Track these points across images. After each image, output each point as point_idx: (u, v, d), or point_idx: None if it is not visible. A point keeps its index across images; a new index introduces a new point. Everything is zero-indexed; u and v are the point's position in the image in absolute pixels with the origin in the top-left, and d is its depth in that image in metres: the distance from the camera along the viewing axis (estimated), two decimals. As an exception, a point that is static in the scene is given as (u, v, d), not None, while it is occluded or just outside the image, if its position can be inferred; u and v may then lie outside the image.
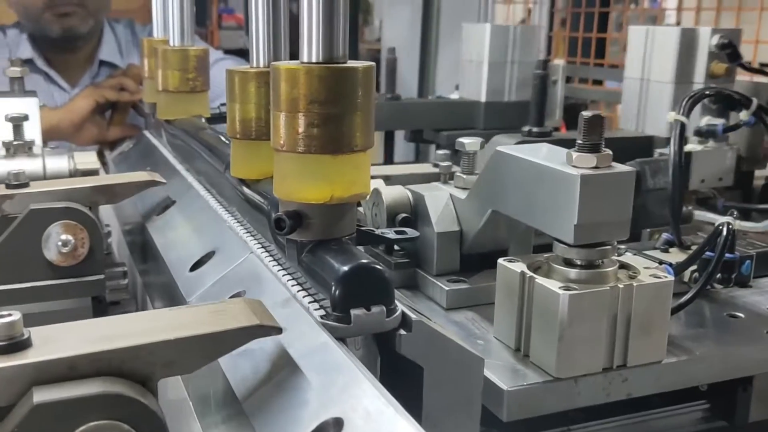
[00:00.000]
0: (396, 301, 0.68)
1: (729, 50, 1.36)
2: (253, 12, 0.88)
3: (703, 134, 1.26)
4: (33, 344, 0.53)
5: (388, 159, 1.81)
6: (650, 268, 0.84)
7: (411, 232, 0.85)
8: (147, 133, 1.64)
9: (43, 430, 0.49)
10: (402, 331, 0.67)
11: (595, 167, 0.77)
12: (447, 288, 0.99)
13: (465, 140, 1.07)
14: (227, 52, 2.90)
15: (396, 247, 1.08)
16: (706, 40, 1.37)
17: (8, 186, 0.96)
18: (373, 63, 0.72)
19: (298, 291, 0.72)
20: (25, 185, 0.97)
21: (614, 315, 0.80)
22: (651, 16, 2.98)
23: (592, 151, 0.78)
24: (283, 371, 0.64)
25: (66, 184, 1.00)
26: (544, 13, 2.79)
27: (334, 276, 0.66)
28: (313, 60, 0.69)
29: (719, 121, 1.25)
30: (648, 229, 1.20)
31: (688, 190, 1.25)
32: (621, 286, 0.80)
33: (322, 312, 0.67)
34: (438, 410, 0.69)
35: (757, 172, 1.46)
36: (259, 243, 0.87)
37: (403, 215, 1.04)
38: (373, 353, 0.69)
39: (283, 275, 0.77)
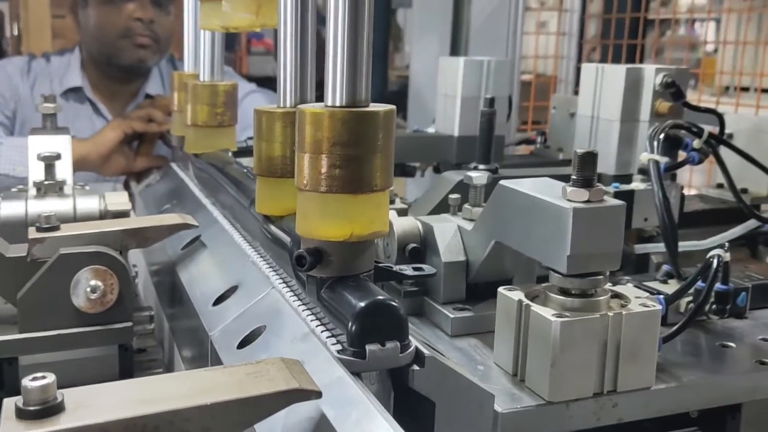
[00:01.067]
0: (410, 337, 0.72)
1: (673, 89, 1.38)
2: (282, 55, 0.92)
3: (647, 173, 1.27)
4: (66, 408, 0.53)
5: None
6: (641, 298, 0.88)
7: (428, 269, 0.88)
8: (174, 166, 1.69)
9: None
10: (415, 367, 0.70)
11: (588, 201, 0.82)
12: (452, 316, 1.03)
13: (472, 174, 1.13)
14: (256, 79, 2.96)
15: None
16: (651, 79, 1.39)
17: (39, 229, 0.97)
18: (394, 106, 0.75)
19: (316, 326, 0.76)
20: (56, 228, 0.97)
21: (604, 342, 0.84)
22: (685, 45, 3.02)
23: (584, 185, 0.82)
24: (301, 405, 0.68)
25: (97, 227, 1.01)
26: (573, 44, 2.85)
27: (351, 312, 0.69)
28: (337, 104, 0.73)
29: (663, 159, 1.25)
30: (656, 261, 1.26)
31: (631, 229, 1.30)
32: (611, 314, 0.84)
33: (339, 347, 0.71)
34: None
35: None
36: (280, 278, 0.90)
37: (413, 245, 1.09)
38: (387, 388, 0.72)
39: (303, 310, 0.80)
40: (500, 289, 0.91)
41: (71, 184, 1.27)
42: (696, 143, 1.29)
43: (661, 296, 1.01)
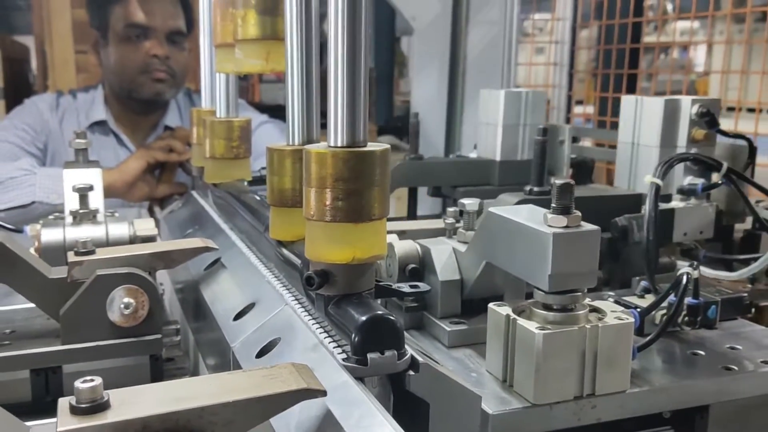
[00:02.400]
0: (406, 346, 0.79)
1: (707, 118, 1.46)
2: (289, 98, 1.00)
3: (685, 192, 1.38)
4: (111, 405, 0.60)
5: (412, 212, 1.87)
6: (616, 312, 0.95)
7: (423, 287, 0.96)
8: (194, 194, 1.76)
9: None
10: (411, 372, 0.78)
11: (566, 227, 0.88)
12: (448, 329, 1.10)
13: (466, 201, 1.19)
14: (267, 107, 3.03)
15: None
16: (687, 109, 1.47)
17: (77, 253, 1.05)
18: (389, 146, 0.82)
19: (325, 338, 0.83)
20: (92, 252, 1.05)
21: (583, 351, 0.91)
22: (679, 65, 3.07)
23: (563, 213, 0.89)
24: (312, 405, 0.75)
25: (128, 251, 1.08)
26: (564, 74, 2.92)
27: (354, 325, 0.77)
28: (339, 144, 0.80)
29: (699, 181, 1.37)
30: (637, 278, 1.32)
31: (672, 242, 1.36)
32: (588, 326, 0.90)
33: (344, 356, 0.78)
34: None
35: (737, 226, 1.58)
36: (293, 296, 0.98)
37: (412, 266, 1.16)
38: (387, 391, 0.80)
39: (313, 324, 0.87)
40: (490, 305, 0.97)
41: (103, 212, 1.35)
42: (715, 176, 1.37)
43: (636, 310, 1.07)
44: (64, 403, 0.60)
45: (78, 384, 0.59)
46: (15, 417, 0.69)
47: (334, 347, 0.81)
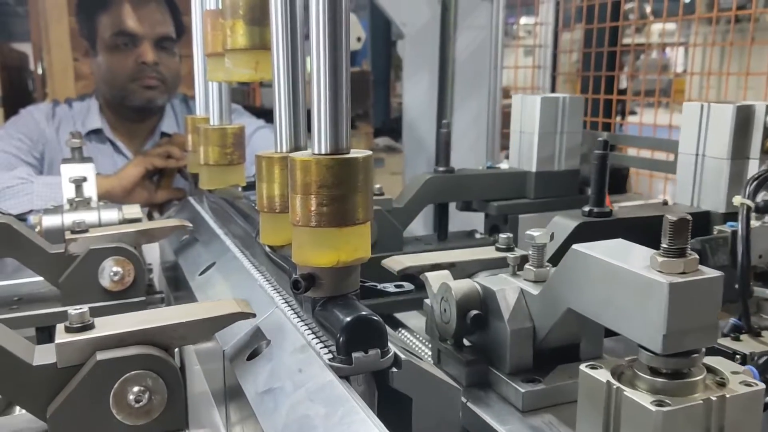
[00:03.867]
0: (389, 344, 0.81)
1: None
2: (277, 107, 1.01)
3: (760, 210, 1.16)
4: (95, 326, 0.78)
5: (443, 231, 1.69)
6: (738, 373, 0.76)
7: (407, 286, 0.98)
8: (190, 199, 1.77)
9: (102, 376, 0.75)
10: (394, 369, 0.79)
11: (683, 273, 0.72)
12: (523, 390, 0.93)
13: (534, 233, 0.99)
14: (268, 111, 3.04)
15: (466, 342, 1.03)
16: (762, 117, 1.32)
17: (73, 232, 1.22)
18: (371, 152, 0.84)
19: (312, 339, 0.85)
20: (85, 231, 1.23)
21: (707, 428, 0.73)
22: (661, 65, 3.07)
23: (678, 255, 0.73)
24: (299, 404, 0.77)
25: (116, 230, 1.26)
26: (548, 76, 2.94)
27: (339, 326, 0.79)
28: (323, 152, 0.82)
29: None
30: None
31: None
32: (713, 398, 0.72)
33: (330, 355, 0.80)
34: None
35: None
36: (283, 299, 0.99)
37: (475, 313, 0.98)
38: (372, 388, 0.81)
39: (301, 326, 0.89)
40: (583, 368, 0.79)
41: (96, 200, 1.54)
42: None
43: (753, 368, 0.89)
44: (60, 326, 0.78)
45: (70, 311, 0.78)
46: (23, 338, 0.80)
47: (320, 348, 0.82)
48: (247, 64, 1.13)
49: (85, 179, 1.52)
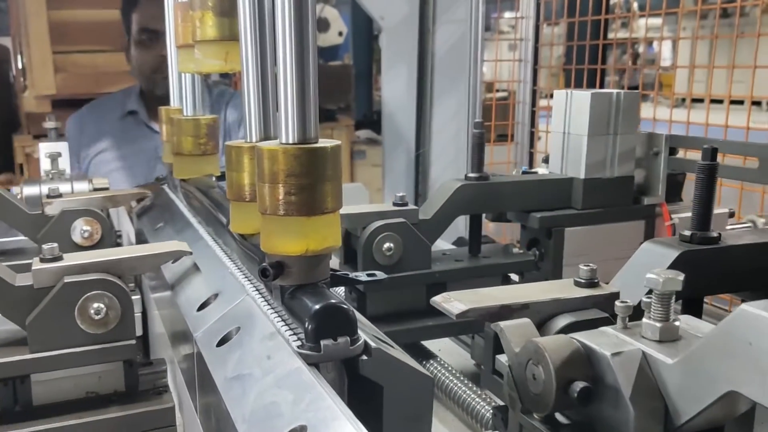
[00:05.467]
0: (359, 332, 0.80)
1: None
2: (246, 97, 1.01)
3: None
4: (64, 258, 0.95)
5: (475, 247, 1.47)
6: None
7: (380, 275, 0.97)
8: (166, 188, 1.77)
9: (68, 295, 0.92)
10: (364, 357, 0.79)
11: None
12: None
13: (659, 276, 0.74)
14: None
15: (561, 418, 0.79)
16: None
17: (48, 197, 1.39)
18: (340, 142, 0.84)
19: (281, 326, 0.84)
20: (59, 196, 1.40)
21: None
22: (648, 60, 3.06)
23: None
24: (267, 391, 0.76)
25: (86, 196, 1.45)
26: (529, 70, 2.94)
27: (307, 313, 0.78)
28: (290, 141, 0.81)
29: None
30: None
31: None
32: None
33: (299, 343, 0.79)
34: (397, 420, 0.80)
35: None
36: (254, 287, 0.99)
37: (583, 386, 0.72)
38: (341, 375, 0.81)
39: (271, 313, 0.89)
40: None
41: (69, 172, 1.73)
42: None
43: None
44: (36, 258, 0.95)
45: (44, 246, 0.95)
46: (7, 267, 0.98)
47: (290, 335, 0.82)
48: (217, 55, 1.13)
49: (59, 154, 1.72)
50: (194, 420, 0.99)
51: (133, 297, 0.97)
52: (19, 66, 4.58)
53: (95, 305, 0.93)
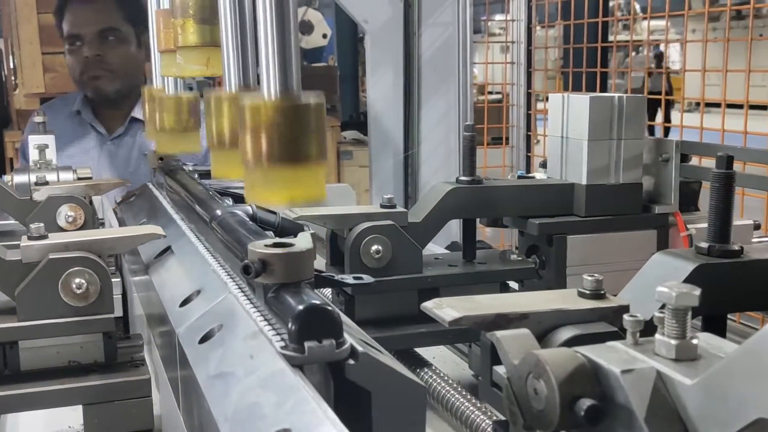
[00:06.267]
0: (345, 335, 0.78)
1: None
2: (224, 43, 1.02)
3: None
4: (49, 237, 1.02)
5: (469, 253, 1.41)
6: None
7: (367, 278, 0.94)
8: (150, 186, 1.75)
9: (53, 270, 1.00)
10: (351, 361, 0.76)
11: None
12: None
13: (671, 290, 0.67)
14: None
15: None
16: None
17: (36, 184, 1.49)
18: (322, 99, 0.85)
19: (264, 326, 0.82)
20: (46, 184, 1.49)
21: None
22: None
23: None
24: (250, 391, 0.74)
25: (70, 184, 1.51)
26: (522, 72, 2.93)
27: (291, 314, 0.75)
28: (272, 95, 0.82)
29: None
30: None
31: None
32: None
33: (282, 343, 0.76)
34: (388, 429, 0.77)
35: None
36: (236, 284, 0.96)
37: (591, 404, 0.64)
38: (327, 379, 0.77)
39: (254, 312, 0.86)
40: None
41: (56, 163, 1.78)
42: None
43: None
44: (24, 237, 1.03)
45: (32, 225, 1.03)
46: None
47: (273, 335, 0.79)
48: (199, 60, 1.17)
49: (47, 146, 1.81)
50: (170, 397, 1.00)
51: (114, 279, 1.06)
52: (11, 66, 4.90)
53: (77, 280, 1.01)
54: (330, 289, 1.33)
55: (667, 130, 3.84)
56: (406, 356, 1.29)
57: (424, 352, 1.34)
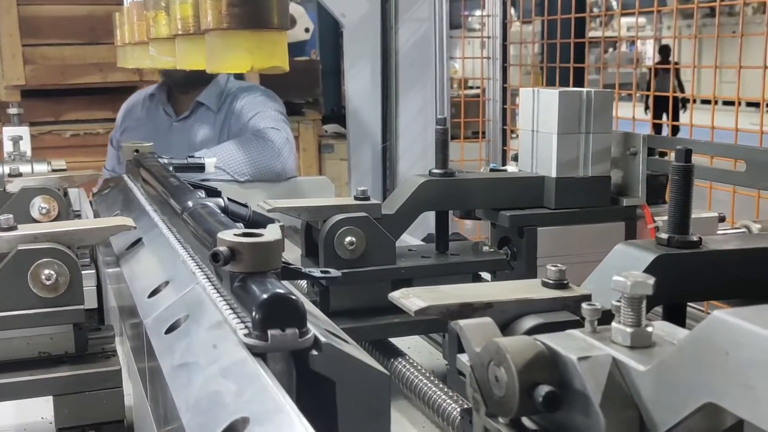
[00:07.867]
0: (309, 325, 0.77)
1: None
2: None
3: None
4: (18, 228, 1.03)
5: (442, 245, 1.41)
6: None
7: (334, 272, 0.94)
8: (126, 178, 1.75)
9: (22, 261, 0.99)
10: (314, 351, 0.75)
11: None
12: None
13: (626, 279, 0.67)
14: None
15: (528, 423, 0.72)
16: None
17: (9, 176, 1.52)
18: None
19: (229, 315, 0.81)
20: (20, 176, 1.53)
21: None
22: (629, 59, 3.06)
23: None
24: (211, 380, 0.73)
25: (44, 176, 1.54)
26: (498, 67, 2.94)
27: (255, 302, 0.75)
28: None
29: None
30: None
31: None
32: None
33: (246, 332, 0.76)
34: (353, 418, 0.77)
35: None
36: (204, 275, 0.96)
37: (548, 390, 0.65)
38: (290, 368, 0.77)
39: (220, 301, 0.85)
40: None
41: (30, 154, 1.85)
42: None
43: None
44: None
45: (1, 217, 1.02)
46: None
47: (237, 323, 0.79)
48: (170, 52, 1.13)
49: (21, 138, 1.87)
50: (141, 387, 1.00)
51: (88, 271, 1.15)
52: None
53: (46, 271, 1.01)
54: (305, 282, 1.33)
55: (675, 130, 3.79)
56: (381, 346, 1.30)
57: (399, 342, 1.34)
